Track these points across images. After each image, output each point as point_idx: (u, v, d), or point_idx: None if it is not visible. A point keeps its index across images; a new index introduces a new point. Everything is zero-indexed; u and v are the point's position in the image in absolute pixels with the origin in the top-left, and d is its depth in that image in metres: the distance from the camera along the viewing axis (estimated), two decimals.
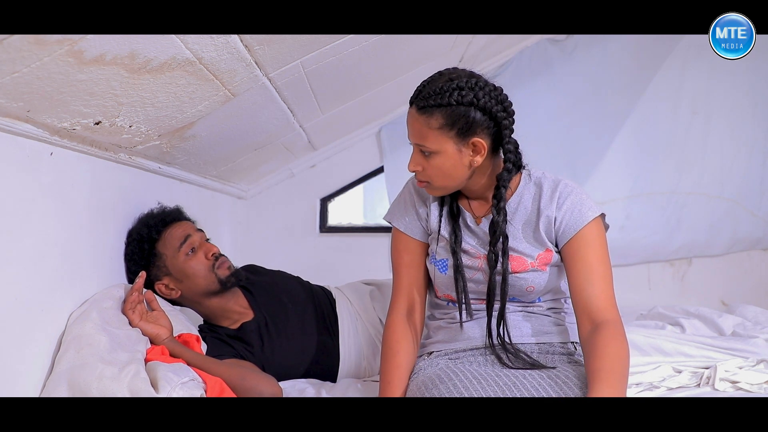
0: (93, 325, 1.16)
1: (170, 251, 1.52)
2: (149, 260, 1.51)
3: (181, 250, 1.52)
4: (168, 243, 1.53)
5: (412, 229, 1.37)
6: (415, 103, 1.21)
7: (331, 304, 1.72)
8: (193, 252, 1.54)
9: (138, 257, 1.50)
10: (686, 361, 1.55)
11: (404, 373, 1.29)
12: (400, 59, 1.97)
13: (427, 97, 1.18)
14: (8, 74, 0.84)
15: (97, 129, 1.19)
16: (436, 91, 1.17)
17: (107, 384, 1.03)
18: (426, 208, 1.36)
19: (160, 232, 1.53)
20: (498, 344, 1.27)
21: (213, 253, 1.56)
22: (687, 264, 2.96)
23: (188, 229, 1.57)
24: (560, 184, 1.28)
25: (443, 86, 1.18)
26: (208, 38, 1.06)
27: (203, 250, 1.56)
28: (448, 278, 1.31)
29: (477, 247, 1.31)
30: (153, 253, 1.51)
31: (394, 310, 1.35)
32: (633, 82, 2.83)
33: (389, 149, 2.79)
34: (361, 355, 1.65)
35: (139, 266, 1.49)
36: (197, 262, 1.54)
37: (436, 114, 1.17)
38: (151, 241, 1.51)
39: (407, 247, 1.37)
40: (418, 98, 1.20)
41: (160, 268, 1.52)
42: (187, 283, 1.54)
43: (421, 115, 1.19)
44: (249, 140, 1.95)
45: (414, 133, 1.22)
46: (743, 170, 2.91)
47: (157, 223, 1.54)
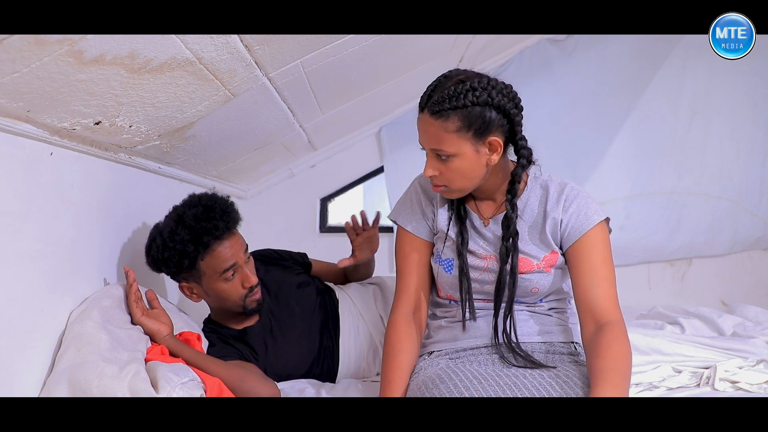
0: (93, 323, 1.16)
1: (211, 273, 1.43)
2: (182, 270, 1.43)
3: (223, 276, 1.44)
4: (213, 262, 1.42)
5: (419, 229, 1.36)
6: (428, 108, 1.18)
7: (334, 304, 1.72)
8: (233, 276, 1.46)
9: (173, 265, 1.41)
10: (685, 361, 1.55)
11: (405, 373, 1.29)
12: (400, 59, 1.97)
13: (441, 101, 1.16)
14: (8, 74, 0.84)
15: (97, 129, 1.19)
16: (450, 94, 1.16)
17: (108, 382, 1.03)
18: (433, 207, 1.35)
19: (209, 246, 1.40)
20: (503, 342, 1.27)
21: (251, 285, 1.49)
22: (687, 264, 2.96)
23: (237, 253, 1.45)
24: (567, 188, 1.29)
25: (456, 89, 1.16)
26: (208, 38, 1.06)
27: (241, 276, 1.47)
28: (453, 278, 1.31)
29: (484, 247, 1.31)
30: (192, 266, 1.42)
31: (397, 309, 1.35)
32: (633, 82, 2.83)
33: (389, 149, 2.79)
34: (362, 355, 1.65)
35: (168, 271, 1.42)
36: (232, 287, 1.47)
37: (453, 117, 1.16)
38: (196, 253, 1.39)
39: (413, 247, 1.37)
40: (430, 103, 1.18)
41: (194, 277, 1.45)
42: (214, 299, 1.50)
43: (437, 120, 1.17)
44: (249, 140, 1.95)
45: (429, 138, 1.20)
46: (743, 170, 2.91)
47: (205, 237, 1.39)
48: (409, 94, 2.66)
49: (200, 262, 1.42)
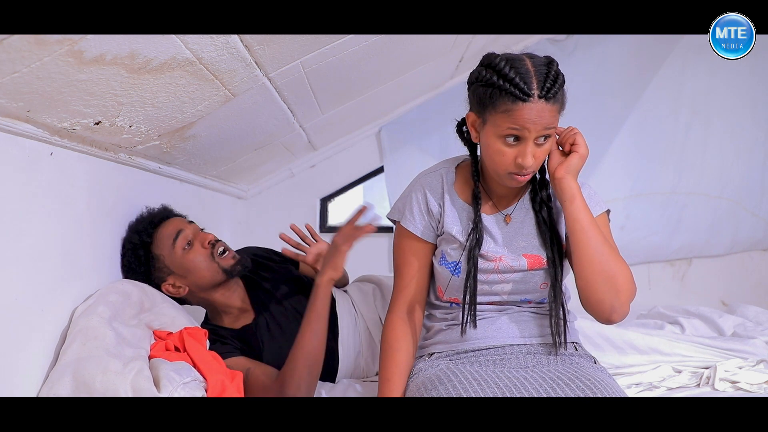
0: (99, 318, 1.17)
1: (166, 250, 1.50)
2: (147, 265, 1.49)
3: (176, 246, 1.50)
4: (161, 243, 1.50)
5: (422, 230, 1.33)
6: (542, 95, 1.14)
7: (332, 303, 1.71)
8: (190, 245, 1.51)
9: (136, 265, 1.48)
10: (685, 361, 1.55)
11: (404, 371, 1.29)
12: (400, 59, 1.97)
13: (551, 86, 1.15)
14: (8, 74, 0.84)
15: (97, 129, 1.19)
16: (555, 74, 1.16)
17: (111, 378, 1.03)
18: (440, 208, 1.32)
19: (151, 235, 1.50)
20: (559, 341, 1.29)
21: (209, 241, 1.54)
22: (687, 264, 2.96)
23: (179, 224, 1.54)
24: None
25: (556, 70, 1.16)
26: (208, 38, 1.06)
27: (198, 240, 1.53)
28: (461, 281, 1.29)
29: (493, 249, 1.29)
30: (150, 257, 1.49)
31: (394, 308, 1.35)
32: (633, 83, 2.83)
33: (389, 149, 2.79)
34: (361, 354, 1.65)
35: (138, 274, 1.47)
36: (196, 254, 1.52)
37: (559, 96, 1.17)
38: (145, 245, 1.48)
39: (413, 247, 1.35)
40: (544, 89, 1.14)
41: (161, 269, 1.51)
42: (191, 278, 1.52)
43: (553, 104, 1.16)
44: (249, 140, 1.95)
45: (543, 122, 1.16)
46: (743, 170, 2.91)
47: (147, 227, 1.51)
48: (409, 94, 2.67)
49: (152, 248, 1.49)
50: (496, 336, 1.30)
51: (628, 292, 1.22)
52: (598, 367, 1.29)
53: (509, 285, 1.29)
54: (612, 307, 1.20)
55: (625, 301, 1.21)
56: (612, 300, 1.20)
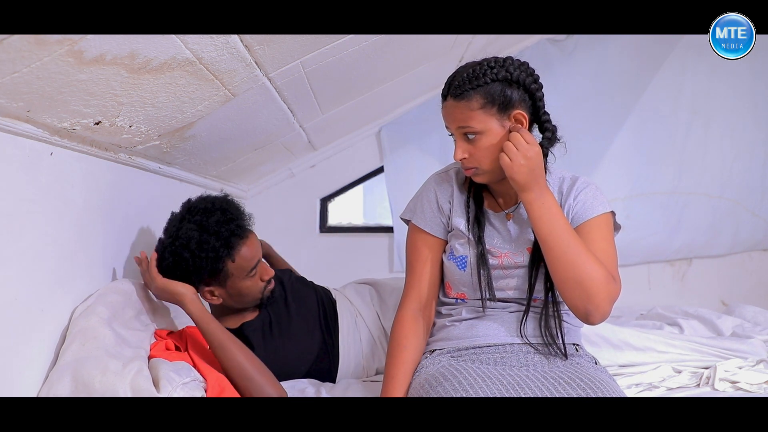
0: (99, 319, 1.16)
1: (239, 273, 1.46)
2: (216, 275, 1.44)
3: (251, 276, 1.48)
4: (240, 265, 1.45)
5: (433, 227, 1.36)
6: (450, 93, 1.23)
7: (332, 303, 1.72)
8: (255, 272, 1.50)
9: (207, 273, 1.42)
10: (685, 361, 1.55)
11: (409, 369, 1.29)
12: (400, 59, 1.97)
13: (461, 84, 1.21)
14: (8, 74, 0.84)
15: (97, 129, 1.19)
16: (469, 76, 1.20)
17: (110, 378, 1.03)
18: (450, 205, 1.36)
19: (233, 248, 1.43)
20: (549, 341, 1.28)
21: (270, 277, 1.53)
22: (687, 264, 2.96)
23: (258, 251, 1.49)
24: (579, 180, 1.33)
25: (474, 71, 1.21)
26: (208, 38, 1.06)
27: (260, 271, 1.51)
28: (466, 275, 1.31)
29: (499, 245, 1.32)
30: (219, 267, 1.43)
31: (405, 304, 1.36)
32: (633, 83, 2.83)
33: (389, 149, 2.79)
34: (361, 354, 1.65)
35: (201, 279, 1.41)
36: (254, 282, 1.50)
37: (475, 95, 1.20)
38: (226, 259, 1.43)
39: (426, 244, 1.37)
40: (452, 88, 1.22)
41: (218, 281, 1.46)
42: (236, 298, 1.51)
43: (460, 101, 1.21)
44: (249, 140, 1.95)
45: (455, 120, 1.23)
46: (744, 170, 2.91)
47: (233, 239, 1.42)
48: (409, 94, 2.67)
49: (229, 265, 1.44)
50: (497, 334, 1.30)
51: (603, 294, 1.17)
52: (598, 367, 1.29)
53: (513, 281, 1.31)
54: (586, 310, 1.18)
55: (601, 303, 1.17)
56: (585, 305, 1.18)
